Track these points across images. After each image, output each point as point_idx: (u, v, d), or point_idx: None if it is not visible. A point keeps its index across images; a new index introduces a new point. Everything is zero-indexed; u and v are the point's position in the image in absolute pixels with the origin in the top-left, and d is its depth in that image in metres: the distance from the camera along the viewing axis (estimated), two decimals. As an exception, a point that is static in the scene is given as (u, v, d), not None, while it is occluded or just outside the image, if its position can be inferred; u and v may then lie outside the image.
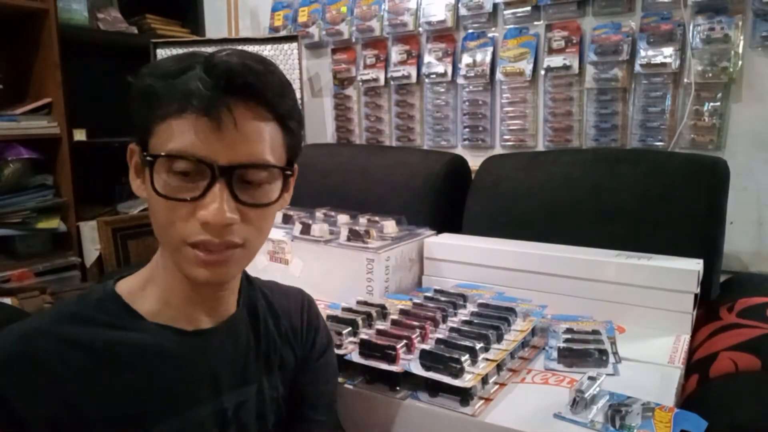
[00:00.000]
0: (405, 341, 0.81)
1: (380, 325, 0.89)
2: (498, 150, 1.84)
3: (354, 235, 1.14)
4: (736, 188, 1.20)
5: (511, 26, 1.80)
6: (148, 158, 0.54)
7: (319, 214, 1.37)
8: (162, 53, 2.06)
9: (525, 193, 1.32)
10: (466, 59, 1.85)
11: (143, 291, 0.60)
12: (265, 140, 0.56)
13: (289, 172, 0.59)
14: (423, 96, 1.98)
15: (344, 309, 0.97)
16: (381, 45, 2.04)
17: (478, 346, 0.78)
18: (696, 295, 0.95)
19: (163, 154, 0.53)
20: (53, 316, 0.57)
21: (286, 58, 2.06)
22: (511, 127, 1.82)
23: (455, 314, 0.94)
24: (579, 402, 0.68)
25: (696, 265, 0.97)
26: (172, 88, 0.54)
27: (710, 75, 1.49)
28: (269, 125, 0.56)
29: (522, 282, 1.07)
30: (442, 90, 1.93)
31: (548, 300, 1.00)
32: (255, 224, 0.57)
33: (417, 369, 0.74)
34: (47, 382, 0.51)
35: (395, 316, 0.91)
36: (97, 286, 0.63)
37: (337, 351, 0.82)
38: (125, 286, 0.60)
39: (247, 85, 0.54)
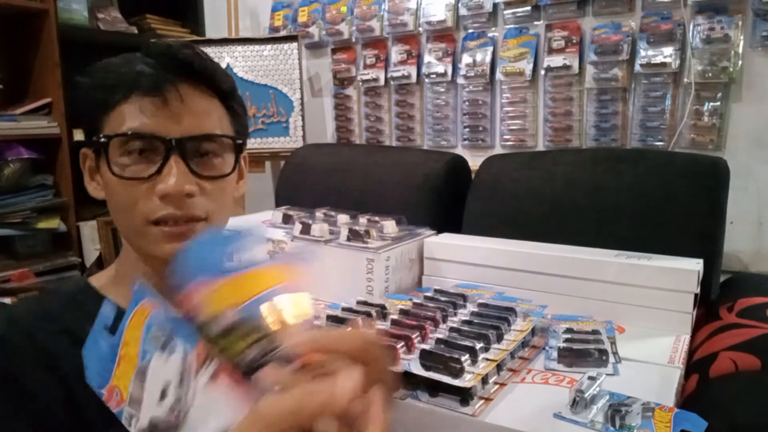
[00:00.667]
0: (405, 341, 0.81)
1: (380, 325, 0.89)
2: (498, 150, 1.84)
3: (354, 235, 1.14)
4: (736, 188, 1.20)
5: (511, 26, 1.80)
6: (102, 140, 0.55)
7: (319, 214, 1.37)
8: (162, 53, 2.06)
9: (525, 193, 1.32)
10: (466, 59, 1.85)
11: (114, 285, 0.61)
12: (212, 115, 0.58)
13: (240, 141, 0.61)
14: (423, 96, 1.98)
15: (344, 309, 0.97)
16: (381, 45, 2.04)
17: (478, 346, 0.78)
18: (696, 295, 0.95)
19: (115, 134, 0.55)
20: (33, 307, 0.57)
21: (286, 58, 2.06)
22: (511, 127, 1.82)
23: (455, 314, 0.94)
24: (579, 402, 0.68)
25: (696, 265, 0.96)
26: (117, 76, 0.56)
27: (710, 75, 1.49)
28: (213, 103, 0.59)
29: (522, 282, 1.07)
30: (442, 90, 1.93)
31: (548, 300, 1.00)
32: (213, 197, 0.58)
33: (417, 369, 0.74)
34: (44, 357, 0.52)
35: (395, 316, 0.91)
36: (66, 281, 0.64)
37: (337, 351, 0.82)
38: (97, 281, 0.61)
39: (189, 62, 0.56)
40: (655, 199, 1.16)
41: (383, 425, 0.33)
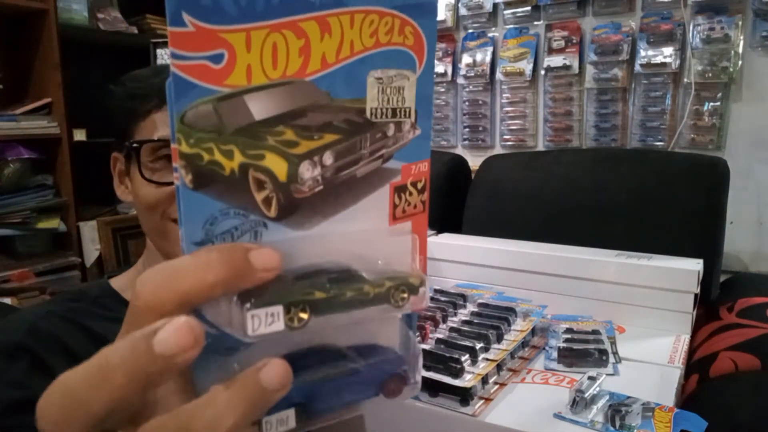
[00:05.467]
0: (405, 341, 0.81)
1: (380, 325, 0.89)
2: (498, 150, 1.84)
3: (354, 235, 1.14)
4: (736, 188, 1.20)
5: (511, 26, 1.80)
6: (135, 145, 0.57)
7: (319, 214, 1.37)
8: (162, 53, 2.06)
9: (525, 193, 1.32)
10: (466, 59, 1.85)
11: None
12: None
13: None
14: (423, 96, 1.98)
15: (344, 309, 0.97)
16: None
17: (478, 346, 0.78)
18: (696, 295, 0.95)
19: (147, 140, 0.57)
20: (62, 306, 0.58)
21: (286, 58, 2.06)
22: (511, 127, 1.82)
23: (455, 314, 0.94)
24: (579, 402, 0.68)
25: (696, 265, 0.96)
26: (152, 85, 0.59)
27: (710, 75, 1.49)
28: None
29: (522, 282, 1.07)
30: (442, 90, 1.93)
31: (548, 300, 1.00)
32: None
33: (417, 369, 0.74)
34: (69, 355, 0.53)
35: (395, 316, 0.91)
36: (90, 284, 0.65)
37: (337, 351, 0.82)
38: (119, 283, 0.62)
39: None
40: (655, 199, 1.16)
41: None
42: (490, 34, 1.83)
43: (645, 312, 0.97)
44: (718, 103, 1.49)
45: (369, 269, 0.26)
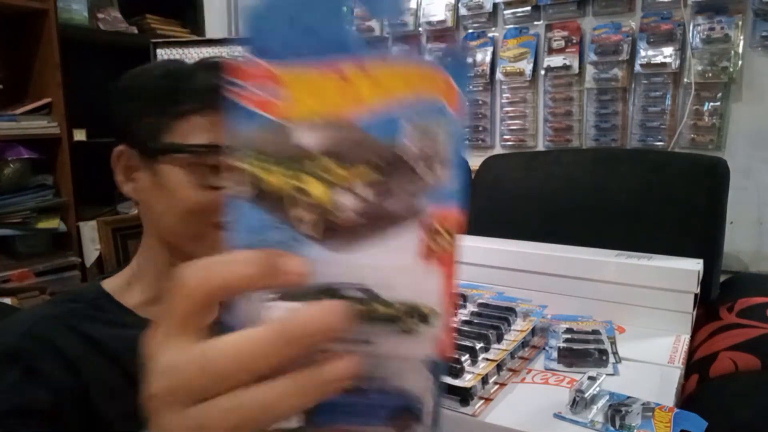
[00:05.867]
0: (405, 341, 0.81)
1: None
2: (498, 150, 1.84)
3: (354, 235, 1.14)
4: (736, 188, 1.20)
5: (511, 26, 1.80)
6: (195, 150, 0.55)
7: (319, 214, 1.37)
8: (162, 53, 2.06)
9: (525, 192, 1.32)
10: (466, 59, 1.86)
11: (129, 289, 0.61)
12: None
13: None
14: (423, 96, 1.99)
15: (344, 309, 0.97)
16: (381, 45, 2.04)
17: (478, 346, 0.78)
18: (696, 295, 0.95)
19: (197, 144, 0.55)
20: (59, 309, 0.58)
21: (286, 58, 2.06)
22: (511, 127, 1.82)
23: (455, 314, 0.94)
24: (579, 402, 0.68)
25: (696, 265, 0.96)
26: (191, 85, 0.56)
27: (710, 75, 1.49)
28: None
29: (522, 282, 1.07)
30: (442, 90, 1.94)
31: (548, 300, 1.00)
32: None
33: (417, 369, 0.74)
34: (63, 359, 0.53)
35: (395, 316, 0.91)
36: (83, 287, 0.64)
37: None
38: (111, 285, 0.62)
39: None
40: (655, 199, 1.16)
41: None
42: (490, 34, 1.83)
43: (645, 312, 0.97)
44: (718, 103, 1.49)
45: (389, 296, 0.28)
